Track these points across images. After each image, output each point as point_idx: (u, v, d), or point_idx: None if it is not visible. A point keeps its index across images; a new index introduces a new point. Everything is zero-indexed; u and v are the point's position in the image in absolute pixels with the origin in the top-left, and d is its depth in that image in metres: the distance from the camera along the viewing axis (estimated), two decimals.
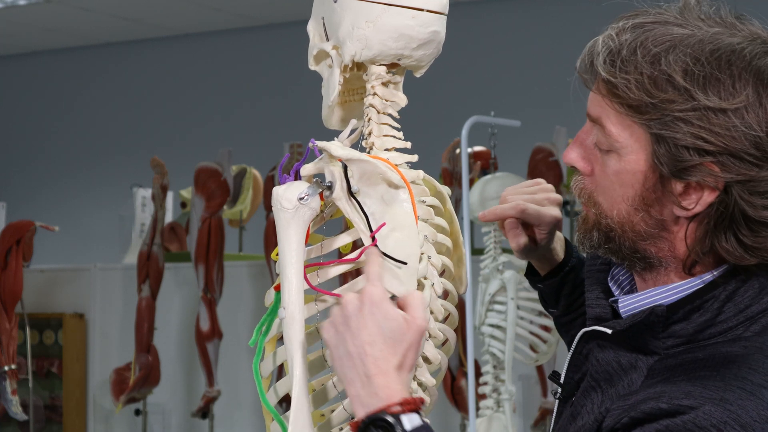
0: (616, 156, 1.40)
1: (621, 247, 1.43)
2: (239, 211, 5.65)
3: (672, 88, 1.34)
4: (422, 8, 1.54)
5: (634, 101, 1.36)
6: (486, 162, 4.96)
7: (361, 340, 1.33)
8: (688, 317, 1.39)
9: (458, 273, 1.70)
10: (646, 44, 1.36)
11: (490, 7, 7.56)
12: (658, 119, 1.34)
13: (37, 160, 9.18)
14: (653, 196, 1.39)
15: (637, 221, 1.41)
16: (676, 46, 1.35)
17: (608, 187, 1.42)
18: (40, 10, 7.90)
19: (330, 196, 1.49)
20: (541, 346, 4.09)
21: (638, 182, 1.39)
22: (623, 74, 1.36)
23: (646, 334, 1.40)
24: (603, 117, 1.40)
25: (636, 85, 1.35)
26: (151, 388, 5.10)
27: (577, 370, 1.49)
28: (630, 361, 1.41)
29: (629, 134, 1.38)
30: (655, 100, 1.34)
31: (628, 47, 1.37)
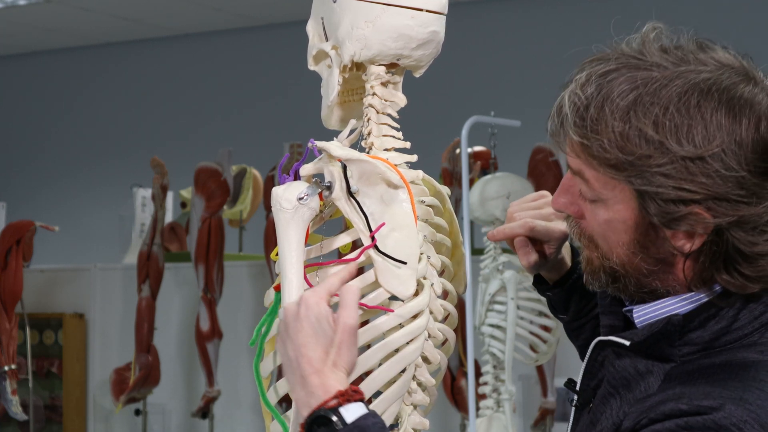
0: (603, 206, 1.40)
1: (627, 286, 1.43)
2: (239, 211, 5.65)
3: (645, 143, 1.32)
4: (421, 8, 1.54)
5: (611, 160, 1.34)
6: (486, 162, 4.96)
7: (297, 344, 1.36)
8: (704, 325, 1.39)
9: (458, 273, 1.71)
10: (612, 97, 1.34)
11: (490, 7, 7.56)
12: (638, 175, 1.33)
13: (37, 160, 9.17)
14: (647, 239, 1.38)
15: (638, 262, 1.40)
16: (641, 96, 1.33)
17: (603, 233, 1.42)
18: (40, 10, 7.89)
19: (329, 196, 1.49)
20: (541, 346, 4.08)
21: (630, 229, 1.39)
22: (595, 134, 1.35)
23: (663, 342, 1.40)
24: (584, 171, 1.39)
25: (609, 144, 1.34)
26: (151, 388, 5.10)
27: (593, 377, 1.48)
28: (647, 367, 1.41)
29: (611, 188, 1.37)
30: (631, 158, 1.33)
31: (595, 103, 1.35)
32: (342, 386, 1.33)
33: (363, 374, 1.51)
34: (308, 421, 1.33)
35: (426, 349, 1.56)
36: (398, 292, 1.50)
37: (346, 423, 1.31)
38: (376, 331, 1.50)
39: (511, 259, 4.11)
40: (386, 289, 1.50)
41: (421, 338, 1.53)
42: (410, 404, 1.58)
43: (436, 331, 1.58)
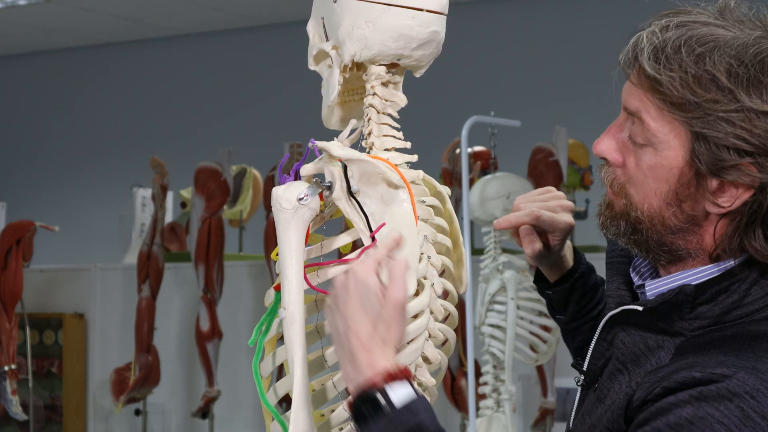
0: (652, 150, 1.42)
1: (648, 239, 1.46)
2: (239, 211, 5.64)
3: (716, 88, 1.35)
4: (422, 8, 1.54)
5: (677, 99, 1.37)
6: (486, 162, 4.96)
7: (346, 316, 1.34)
8: (715, 298, 1.41)
9: (458, 273, 1.71)
10: (691, 43, 1.37)
11: (490, 7, 7.56)
12: (701, 118, 1.36)
13: (37, 160, 9.17)
14: (687, 192, 1.41)
15: (668, 216, 1.43)
16: (720, 47, 1.36)
17: (641, 180, 1.44)
18: (40, 10, 7.89)
19: (330, 196, 1.49)
20: (541, 346, 4.09)
21: (673, 177, 1.41)
22: (668, 71, 1.37)
23: (674, 314, 1.42)
24: (642, 111, 1.41)
25: (681, 83, 1.37)
26: (151, 388, 5.10)
27: (601, 357, 1.51)
28: (657, 342, 1.43)
29: (669, 130, 1.40)
30: (699, 99, 1.36)
31: (672, 44, 1.38)
32: (390, 365, 1.31)
33: None
34: (357, 401, 1.31)
35: (426, 349, 1.56)
36: None
37: (393, 405, 1.29)
38: None
39: (511, 259, 4.12)
40: None
41: (421, 338, 1.53)
42: None
43: (436, 331, 1.58)
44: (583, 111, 6.16)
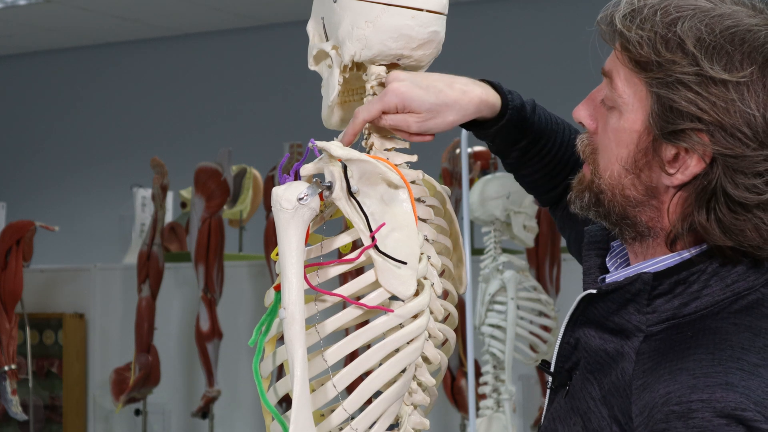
0: (618, 114, 1.42)
1: (610, 212, 1.45)
2: (239, 211, 5.65)
3: (681, 51, 1.35)
4: (422, 8, 1.54)
5: (642, 57, 1.38)
6: (486, 162, 4.97)
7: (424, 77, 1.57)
8: (673, 290, 1.40)
9: (458, 273, 1.71)
10: (668, 9, 1.38)
11: (490, 7, 7.56)
12: (660, 79, 1.36)
13: (37, 160, 9.18)
14: (644, 159, 1.40)
15: (627, 185, 1.42)
16: (696, 14, 1.37)
17: (606, 145, 1.44)
18: (40, 10, 7.89)
19: (329, 196, 1.49)
20: (541, 346, 4.09)
21: (633, 142, 1.41)
22: (638, 30, 1.38)
23: (631, 306, 1.40)
24: (614, 71, 1.42)
25: (647, 42, 1.37)
26: (151, 388, 5.10)
27: (567, 360, 1.49)
28: (616, 348, 1.41)
29: (633, 92, 1.40)
30: (661, 59, 1.36)
31: (650, 8, 1.39)
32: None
33: (363, 374, 1.51)
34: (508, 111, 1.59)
35: (426, 349, 1.56)
36: (399, 292, 1.50)
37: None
38: (376, 331, 1.50)
39: (511, 259, 4.12)
40: (386, 289, 1.50)
41: (421, 338, 1.53)
42: (410, 404, 1.58)
43: (436, 331, 1.58)
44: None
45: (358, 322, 1.53)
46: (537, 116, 1.67)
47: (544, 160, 1.70)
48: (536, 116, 1.67)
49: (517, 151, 1.69)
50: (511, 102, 1.63)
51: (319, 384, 1.51)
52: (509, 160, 1.71)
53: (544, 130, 1.68)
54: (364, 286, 1.51)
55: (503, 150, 1.69)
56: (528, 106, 1.66)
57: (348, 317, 1.51)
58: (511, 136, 1.66)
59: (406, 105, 1.53)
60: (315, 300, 1.52)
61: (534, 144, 1.68)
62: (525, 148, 1.68)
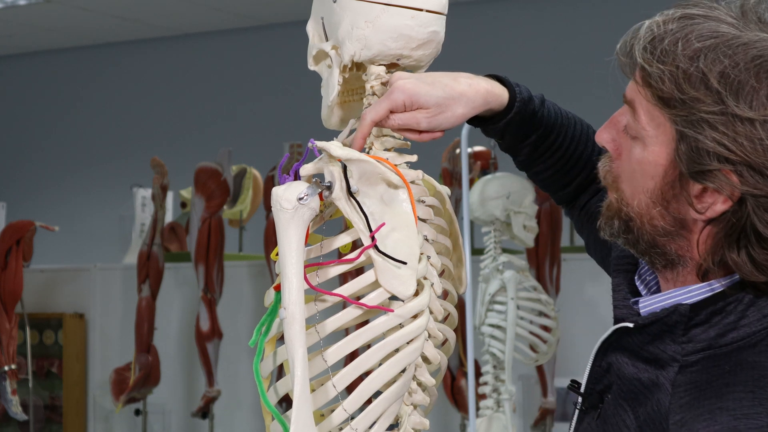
0: (642, 144, 1.38)
1: (639, 240, 1.41)
2: (239, 211, 5.64)
3: (704, 87, 1.30)
4: (421, 8, 1.54)
5: (665, 94, 1.33)
6: (486, 162, 4.96)
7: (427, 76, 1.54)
8: (710, 320, 1.36)
9: (458, 273, 1.71)
10: (690, 38, 1.32)
11: (490, 7, 7.56)
12: (685, 116, 1.32)
13: (37, 160, 9.17)
14: (671, 192, 1.37)
15: (655, 215, 1.38)
16: (718, 46, 1.31)
17: (631, 175, 1.40)
18: (40, 10, 7.89)
19: (329, 196, 1.49)
20: (541, 346, 4.08)
21: (659, 175, 1.37)
22: (659, 64, 1.33)
23: (666, 336, 1.38)
24: (636, 102, 1.38)
25: (669, 78, 1.32)
26: (151, 388, 5.10)
27: (598, 382, 1.46)
28: (651, 378, 1.38)
29: (656, 125, 1.36)
30: (685, 97, 1.31)
31: (671, 37, 1.34)
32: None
33: (363, 374, 1.51)
34: (516, 104, 1.57)
35: (426, 349, 1.56)
36: (398, 292, 1.50)
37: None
38: (376, 331, 1.50)
39: (511, 259, 4.11)
40: (386, 289, 1.50)
41: (421, 338, 1.53)
42: (410, 404, 1.58)
43: (436, 331, 1.58)
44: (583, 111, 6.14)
45: (358, 322, 1.53)
46: (546, 109, 1.63)
47: (556, 155, 1.66)
48: (545, 109, 1.63)
49: (527, 147, 1.64)
50: (519, 94, 1.60)
51: (319, 384, 1.51)
52: (520, 157, 1.67)
53: (554, 123, 1.64)
54: (364, 286, 1.51)
55: (513, 146, 1.65)
56: (536, 99, 1.63)
57: (348, 317, 1.51)
58: (521, 131, 1.62)
59: (414, 101, 1.50)
60: (315, 300, 1.52)
61: (544, 139, 1.64)
62: (535, 143, 1.64)
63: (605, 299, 2.29)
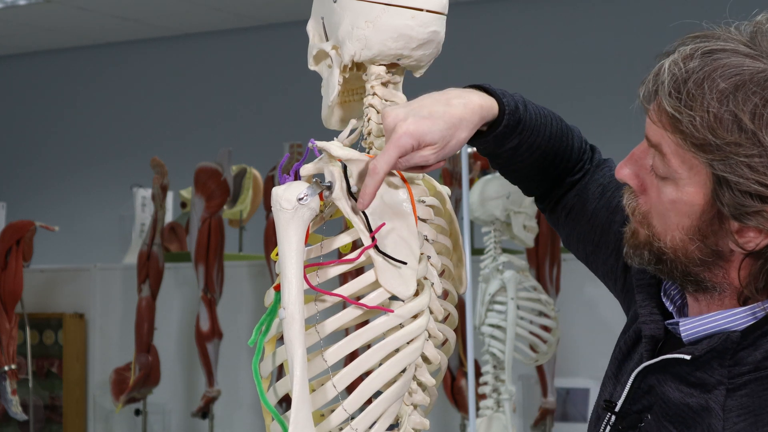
0: (674, 185, 1.36)
1: (673, 270, 1.40)
2: (239, 211, 5.65)
3: (738, 129, 1.28)
4: (422, 8, 1.54)
5: (698, 140, 1.30)
6: (486, 162, 4.96)
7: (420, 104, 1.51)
8: (755, 343, 1.36)
9: (458, 273, 1.70)
10: (714, 77, 1.30)
11: (490, 7, 7.56)
12: (722, 161, 1.29)
13: (37, 160, 9.17)
14: (710, 229, 1.35)
15: (692, 250, 1.37)
16: (746, 83, 1.29)
17: (663, 213, 1.38)
18: (40, 10, 7.89)
19: (329, 196, 1.49)
20: (541, 346, 4.09)
21: (695, 214, 1.35)
22: (688, 110, 1.30)
23: (714, 362, 1.37)
24: (663, 145, 1.35)
25: (701, 124, 1.29)
26: (151, 388, 5.10)
27: (636, 402, 1.45)
28: (699, 403, 1.38)
29: (689, 167, 1.33)
30: (720, 141, 1.29)
31: (695, 78, 1.31)
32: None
33: (363, 374, 1.51)
34: (505, 116, 1.54)
35: (426, 349, 1.56)
36: (399, 292, 1.50)
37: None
38: (376, 331, 1.50)
39: (511, 259, 4.11)
40: (386, 289, 1.50)
41: (421, 338, 1.53)
42: (410, 404, 1.58)
43: (436, 331, 1.58)
44: (583, 111, 6.16)
45: (358, 322, 1.53)
46: (528, 114, 1.61)
47: (534, 155, 1.63)
48: (528, 114, 1.61)
49: (509, 151, 1.62)
50: (507, 106, 1.57)
51: (319, 384, 1.51)
52: (499, 160, 1.65)
53: (535, 125, 1.62)
54: (364, 286, 1.51)
55: (493, 151, 1.63)
56: (521, 105, 1.60)
57: (348, 317, 1.51)
58: (505, 138, 1.60)
59: (421, 141, 1.46)
60: (315, 300, 1.52)
61: (525, 141, 1.62)
62: (516, 146, 1.61)
63: (605, 299, 2.28)
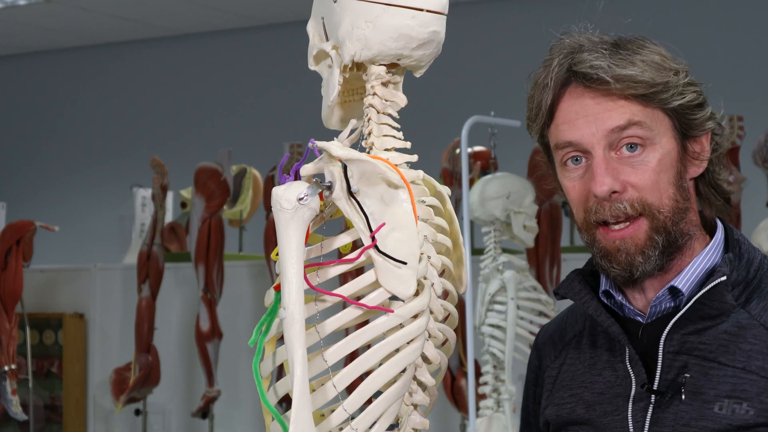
0: (652, 146, 1.54)
1: (677, 239, 1.56)
2: (239, 211, 5.64)
3: (660, 69, 1.54)
4: (422, 8, 1.54)
5: (649, 88, 1.52)
6: (486, 162, 4.96)
7: None
8: (735, 263, 1.56)
9: (458, 273, 1.70)
10: (634, 48, 1.58)
11: (490, 7, 7.56)
12: (669, 95, 1.53)
13: (37, 160, 9.17)
14: (682, 164, 1.56)
15: (679, 199, 1.55)
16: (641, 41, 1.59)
17: (655, 180, 1.53)
18: (40, 10, 7.89)
19: (330, 196, 1.49)
20: None
21: (674, 159, 1.55)
22: (633, 67, 1.53)
23: (723, 290, 1.53)
24: (633, 117, 1.53)
25: (645, 71, 1.53)
26: (151, 388, 5.10)
27: (669, 370, 1.55)
28: (733, 324, 1.52)
29: (656, 120, 1.54)
30: (662, 80, 1.53)
31: (621, 56, 1.56)
32: None
33: (363, 374, 1.51)
34: None
35: (426, 349, 1.56)
36: (399, 292, 1.50)
37: None
38: (376, 331, 1.50)
39: (511, 259, 4.11)
40: (387, 289, 1.50)
41: (421, 338, 1.53)
42: (410, 404, 1.58)
43: (436, 331, 1.58)
44: None
45: (358, 322, 1.53)
46: None
47: None
48: None
49: None
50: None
51: (319, 384, 1.51)
52: None
53: None
54: (364, 286, 1.51)
55: None
56: None
57: (348, 317, 1.51)
58: None
59: None
60: (315, 300, 1.52)
61: None
62: None
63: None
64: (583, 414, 1.62)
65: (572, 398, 1.64)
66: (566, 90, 1.58)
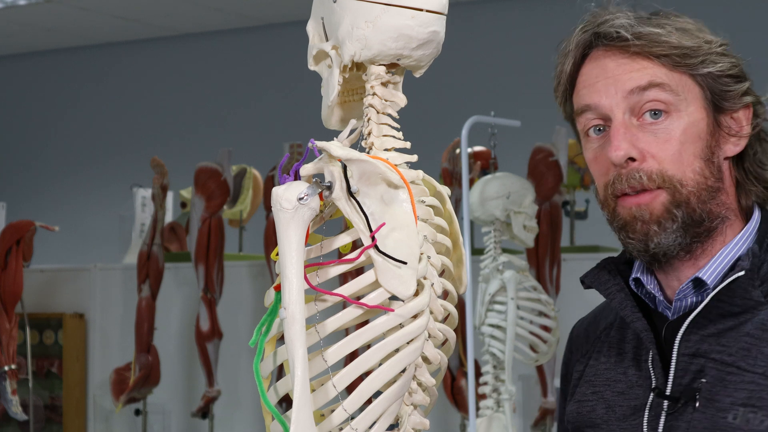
0: (677, 114, 1.45)
1: (704, 218, 1.46)
2: (239, 211, 5.64)
3: (698, 35, 1.48)
4: (422, 8, 1.54)
5: (680, 52, 1.46)
6: (486, 162, 4.96)
7: None
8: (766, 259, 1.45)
9: (458, 273, 1.70)
10: (666, 16, 1.51)
11: (490, 7, 7.56)
12: (702, 60, 1.46)
13: (37, 160, 9.17)
14: (713, 139, 1.46)
15: (708, 175, 1.45)
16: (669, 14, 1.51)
17: (678, 151, 1.45)
18: (40, 10, 7.89)
19: (329, 196, 1.49)
20: (541, 346, 4.08)
21: (703, 131, 1.46)
22: (659, 28, 1.46)
23: (747, 285, 1.43)
24: (655, 78, 1.45)
25: (671, 32, 1.46)
26: (151, 388, 5.10)
27: (684, 374, 1.46)
28: (758, 322, 1.41)
29: (683, 86, 1.46)
30: (694, 44, 1.46)
31: (639, 17, 1.50)
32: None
33: (363, 374, 1.51)
34: None
35: (426, 349, 1.56)
36: (399, 292, 1.50)
37: None
38: (376, 331, 1.50)
39: (511, 259, 4.11)
40: (386, 289, 1.50)
41: (421, 338, 1.53)
42: (410, 404, 1.58)
43: (436, 331, 1.58)
44: None
45: (358, 322, 1.53)
46: None
47: None
48: None
49: None
50: None
51: (319, 384, 1.51)
52: None
53: None
54: (364, 286, 1.51)
55: None
56: None
57: (348, 317, 1.51)
58: None
59: None
60: (315, 300, 1.52)
61: None
62: None
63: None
64: (603, 414, 1.54)
65: (594, 396, 1.57)
66: (589, 55, 1.54)
